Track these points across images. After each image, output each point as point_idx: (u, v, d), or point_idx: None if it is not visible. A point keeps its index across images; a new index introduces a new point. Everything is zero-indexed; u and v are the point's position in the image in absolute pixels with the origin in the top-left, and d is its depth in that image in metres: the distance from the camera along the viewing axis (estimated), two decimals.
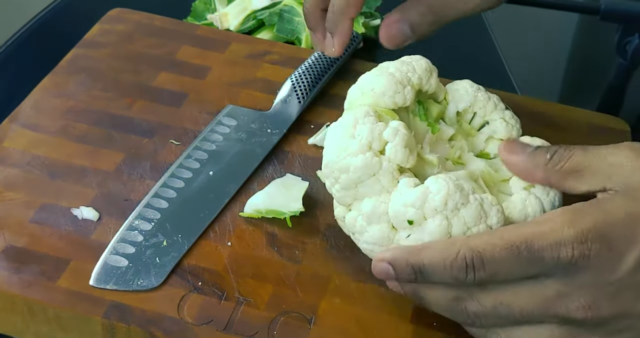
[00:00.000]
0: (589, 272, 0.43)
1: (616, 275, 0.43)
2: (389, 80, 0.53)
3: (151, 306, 0.52)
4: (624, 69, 0.84)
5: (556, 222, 0.43)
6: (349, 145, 0.50)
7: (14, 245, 0.56)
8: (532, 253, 0.43)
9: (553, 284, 0.44)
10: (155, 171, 0.62)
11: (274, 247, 0.57)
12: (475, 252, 0.44)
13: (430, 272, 0.45)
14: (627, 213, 0.43)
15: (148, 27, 0.76)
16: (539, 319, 0.45)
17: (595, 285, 0.43)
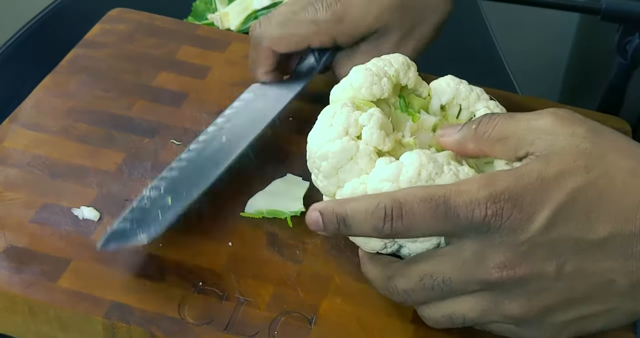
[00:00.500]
0: (502, 232, 0.44)
1: (527, 235, 0.44)
2: (365, 74, 0.54)
3: (152, 306, 0.52)
4: (624, 68, 0.84)
5: (473, 184, 0.45)
6: (327, 133, 0.51)
7: (14, 245, 0.56)
8: (449, 209, 0.44)
9: (470, 246, 0.45)
10: (156, 171, 0.62)
11: (275, 247, 0.57)
12: (395, 202, 0.45)
13: (351, 221, 0.46)
14: (539, 177, 0.44)
15: (148, 27, 0.76)
16: (462, 288, 0.46)
17: (508, 245, 0.44)
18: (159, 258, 0.55)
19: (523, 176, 0.45)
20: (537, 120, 0.48)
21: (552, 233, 0.44)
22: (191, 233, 0.57)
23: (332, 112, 0.52)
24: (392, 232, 0.45)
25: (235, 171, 0.62)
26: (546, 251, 0.44)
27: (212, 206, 0.59)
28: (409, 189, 0.46)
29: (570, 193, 0.44)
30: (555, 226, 0.44)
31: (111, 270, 0.54)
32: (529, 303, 0.45)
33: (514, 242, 0.44)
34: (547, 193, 0.44)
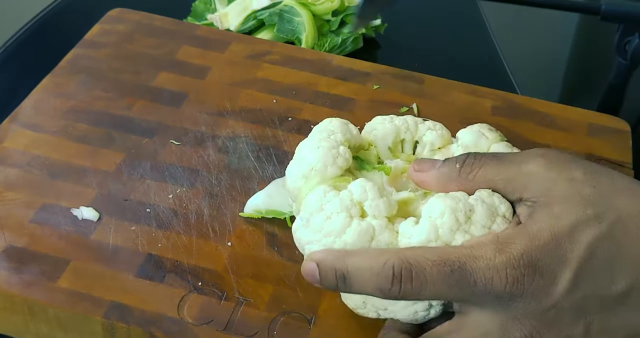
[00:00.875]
0: (525, 300, 0.42)
1: (552, 300, 0.42)
2: (320, 152, 0.51)
3: (151, 306, 0.52)
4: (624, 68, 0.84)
5: (487, 248, 0.42)
6: (329, 226, 0.47)
7: (14, 245, 0.56)
8: (464, 275, 0.41)
9: (490, 318, 0.43)
10: (156, 171, 0.62)
11: (274, 247, 0.57)
12: (405, 263, 0.42)
13: (354, 279, 0.43)
14: (553, 236, 0.42)
15: (148, 27, 0.76)
16: None
17: (533, 313, 0.42)
18: (158, 258, 0.55)
19: (536, 236, 0.42)
20: (528, 163, 0.45)
21: (577, 294, 0.42)
22: (191, 233, 0.57)
23: (318, 204, 0.48)
24: (399, 295, 0.42)
25: (235, 171, 0.62)
26: (573, 313, 0.42)
27: (211, 206, 0.59)
28: (418, 249, 0.43)
29: (588, 249, 0.42)
30: (579, 286, 0.42)
31: (110, 270, 0.54)
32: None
33: (539, 309, 0.42)
34: (565, 252, 0.42)
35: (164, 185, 0.61)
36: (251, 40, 0.77)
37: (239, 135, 0.65)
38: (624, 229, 0.42)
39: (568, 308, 0.42)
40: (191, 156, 0.63)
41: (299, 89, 0.70)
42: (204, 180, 0.61)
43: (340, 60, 0.75)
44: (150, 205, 0.59)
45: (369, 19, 0.50)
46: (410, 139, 0.55)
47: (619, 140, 0.68)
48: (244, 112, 0.68)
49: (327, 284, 0.44)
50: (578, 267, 0.42)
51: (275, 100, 0.69)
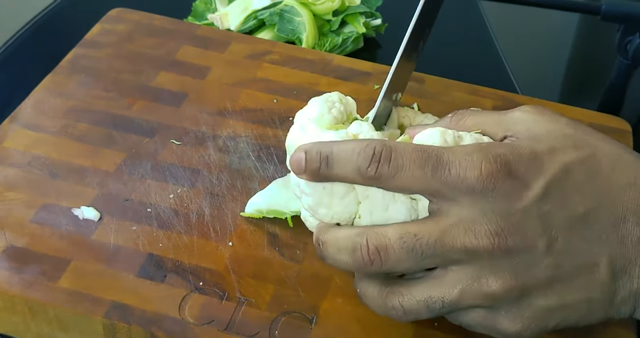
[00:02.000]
0: (495, 197, 0.43)
1: (521, 203, 0.43)
2: (317, 104, 0.52)
3: (152, 306, 0.52)
4: (625, 68, 0.84)
5: (469, 146, 0.45)
6: None
7: (14, 245, 0.56)
8: (440, 163, 0.43)
9: (458, 211, 0.43)
10: (156, 171, 0.62)
11: (275, 247, 0.57)
12: (386, 146, 0.44)
13: (335, 160, 0.45)
14: (532, 151, 0.45)
15: (148, 27, 0.76)
16: (446, 255, 0.44)
17: (501, 213, 0.43)
18: (159, 258, 0.55)
19: (517, 148, 0.45)
20: (514, 111, 0.49)
21: (546, 205, 0.43)
22: (191, 233, 0.57)
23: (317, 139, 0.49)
24: (375, 175, 0.44)
25: (236, 171, 0.62)
26: (539, 224, 0.43)
27: (212, 206, 0.59)
28: (402, 143, 0.45)
29: (564, 167, 0.44)
30: (550, 198, 0.43)
31: (111, 270, 0.54)
32: (513, 279, 0.43)
33: (508, 210, 0.43)
34: (541, 164, 0.44)
35: (164, 185, 0.61)
36: (251, 40, 0.77)
37: (239, 135, 0.65)
38: (597, 163, 0.45)
39: (535, 216, 0.43)
40: (192, 156, 0.63)
41: (300, 89, 0.70)
42: (204, 180, 0.61)
43: (341, 60, 0.75)
44: (151, 205, 0.59)
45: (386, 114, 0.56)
46: (408, 123, 0.56)
47: (620, 140, 0.67)
48: (244, 112, 0.68)
49: (311, 167, 0.46)
50: (551, 180, 0.44)
51: (275, 100, 0.69)
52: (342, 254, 0.46)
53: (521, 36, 1.25)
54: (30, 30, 0.90)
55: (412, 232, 0.44)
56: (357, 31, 0.87)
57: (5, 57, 0.86)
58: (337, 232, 0.47)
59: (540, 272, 0.44)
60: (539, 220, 0.43)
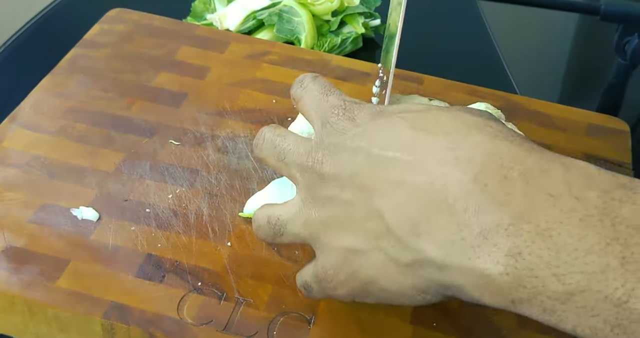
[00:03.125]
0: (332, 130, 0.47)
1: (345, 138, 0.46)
2: None
3: (151, 306, 0.52)
4: (624, 69, 0.84)
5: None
6: None
7: (13, 245, 0.56)
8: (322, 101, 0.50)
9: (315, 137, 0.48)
10: (155, 171, 0.62)
11: (274, 247, 0.57)
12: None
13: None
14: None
15: (148, 27, 0.76)
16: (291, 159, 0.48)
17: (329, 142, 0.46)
18: (158, 258, 0.55)
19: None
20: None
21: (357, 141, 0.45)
22: (190, 234, 0.57)
23: None
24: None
25: (235, 171, 0.62)
26: (348, 157, 0.45)
27: (211, 206, 0.59)
28: None
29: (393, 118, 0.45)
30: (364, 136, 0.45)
31: (110, 270, 0.54)
32: (322, 207, 0.46)
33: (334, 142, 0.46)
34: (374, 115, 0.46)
35: (163, 185, 0.61)
36: (251, 40, 0.77)
37: (238, 135, 0.65)
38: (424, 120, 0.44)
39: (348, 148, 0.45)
40: (191, 156, 0.63)
41: None
42: (203, 180, 0.61)
43: (340, 60, 0.75)
44: (150, 205, 0.59)
45: None
46: None
47: (619, 140, 0.68)
48: (243, 112, 0.68)
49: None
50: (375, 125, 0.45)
51: (274, 100, 0.69)
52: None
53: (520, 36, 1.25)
54: (29, 30, 0.90)
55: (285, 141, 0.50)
56: (356, 31, 0.87)
57: (5, 57, 0.86)
58: None
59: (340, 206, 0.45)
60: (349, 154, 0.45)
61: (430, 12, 0.97)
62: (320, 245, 0.46)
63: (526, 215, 0.38)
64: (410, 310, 0.53)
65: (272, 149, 0.50)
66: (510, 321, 0.54)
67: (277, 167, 0.50)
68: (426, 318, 0.53)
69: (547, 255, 0.37)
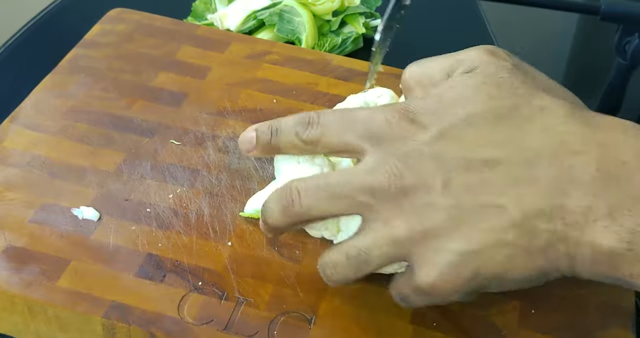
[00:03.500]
0: (394, 142, 0.45)
1: (415, 144, 0.45)
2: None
3: (151, 306, 0.52)
4: (624, 69, 0.84)
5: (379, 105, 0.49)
6: None
7: (13, 245, 0.56)
8: (352, 119, 0.48)
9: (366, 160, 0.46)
10: (156, 171, 0.62)
11: (274, 247, 0.57)
12: (316, 113, 0.49)
13: (281, 129, 0.50)
14: (439, 100, 0.46)
15: (148, 27, 0.76)
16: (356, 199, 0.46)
17: (398, 154, 0.45)
18: (158, 258, 0.56)
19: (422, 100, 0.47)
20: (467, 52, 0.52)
21: (438, 145, 0.44)
22: (191, 233, 0.57)
23: None
24: (308, 139, 0.49)
25: (235, 171, 0.62)
26: (433, 163, 0.44)
27: (212, 206, 0.59)
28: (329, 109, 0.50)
29: (466, 116, 0.45)
30: (444, 139, 0.45)
31: (111, 270, 0.54)
32: (415, 220, 0.44)
33: (405, 152, 0.45)
34: (444, 113, 0.46)
35: (164, 185, 0.61)
36: (251, 40, 0.77)
37: (239, 135, 0.65)
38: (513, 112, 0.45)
39: (428, 156, 0.45)
40: (191, 156, 0.63)
41: (299, 89, 0.70)
42: (204, 180, 0.61)
43: (341, 60, 0.75)
44: (151, 205, 0.59)
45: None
46: None
47: None
48: (244, 112, 0.68)
49: (262, 141, 0.51)
50: (449, 125, 0.45)
51: (275, 100, 0.69)
52: (273, 204, 0.49)
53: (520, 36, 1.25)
54: (30, 30, 0.90)
55: (326, 175, 0.48)
56: (356, 31, 0.87)
57: (5, 57, 0.86)
58: (273, 190, 0.50)
59: (441, 213, 0.44)
60: (433, 160, 0.44)
61: (431, 12, 0.97)
62: (418, 258, 0.45)
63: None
64: (411, 310, 0.53)
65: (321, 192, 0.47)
66: (510, 321, 0.54)
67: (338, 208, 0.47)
68: (426, 318, 0.53)
69: None
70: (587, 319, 0.54)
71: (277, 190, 0.49)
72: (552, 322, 0.54)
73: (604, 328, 0.54)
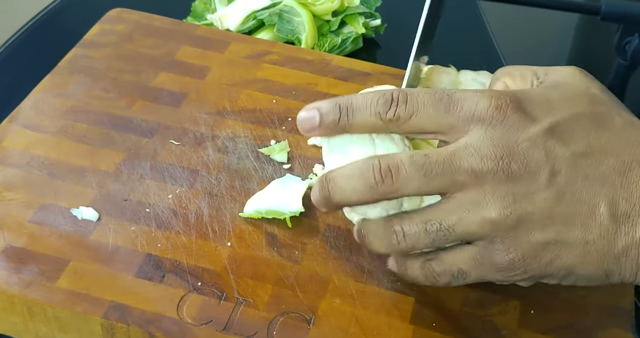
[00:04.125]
0: (503, 127, 0.45)
1: (527, 134, 0.45)
2: None
3: (150, 306, 0.52)
4: (624, 69, 0.84)
5: (478, 90, 0.47)
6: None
7: (13, 245, 0.56)
8: (452, 100, 0.46)
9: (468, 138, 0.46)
10: (155, 171, 0.62)
11: (274, 248, 0.57)
12: (402, 91, 0.47)
13: (356, 108, 0.48)
14: (546, 95, 0.47)
15: (148, 27, 0.76)
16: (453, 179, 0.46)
17: (507, 141, 0.45)
18: (157, 258, 0.55)
19: (530, 91, 0.47)
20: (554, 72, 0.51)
21: (552, 140, 0.45)
22: (190, 234, 0.57)
23: None
24: (394, 117, 0.47)
25: (235, 171, 0.62)
26: (544, 154, 0.45)
27: (211, 206, 0.59)
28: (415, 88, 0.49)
29: (574, 114, 0.46)
30: (556, 134, 0.45)
31: (110, 270, 0.54)
32: (512, 205, 0.45)
33: (514, 139, 0.45)
34: (551, 108, 0.46)
35: (163, 185, 0.61)
36: (251, 40, 0.77)
37: (238, 136, 0.65)
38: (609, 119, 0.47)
39: (540, 147, 0.45)
40: (191, 156, 0.63)
41: (299, 89, 0.70)
42: (203, 180, 0.61)
43: (340, 60, 0.75)
44: (150, 205, 0.59)
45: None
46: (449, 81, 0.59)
47: None
48: (243, 112, 0.68)
49: (328, 120, 0.49)
50: (560, 120, 0.46)
51: (275, 100, 0.69)
52: (351, 180, 0.48)
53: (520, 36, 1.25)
54: (29, 30, 0.90)
55: (422, 153, 0.47)
56: (356, 31, 0.87)
57: (5, 57, 0.86)
58: (346, 165, 0.49)
59: (540, 202, 0.45)
60: (544, 151, 0.45)
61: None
62: (504, 239, 0.46)
63: None
64: (411, 310, 0.53)
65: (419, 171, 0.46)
66: (510, 321, 0.54)
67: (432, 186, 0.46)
68: (426, 318, 0.53)
69: None
70: (587, 319, 0.54)
71: (357, 167, 0.48)
72: (552, 322, 0.54)
73: (604, 328, 0.54)
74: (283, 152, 0.64)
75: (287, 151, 0.64)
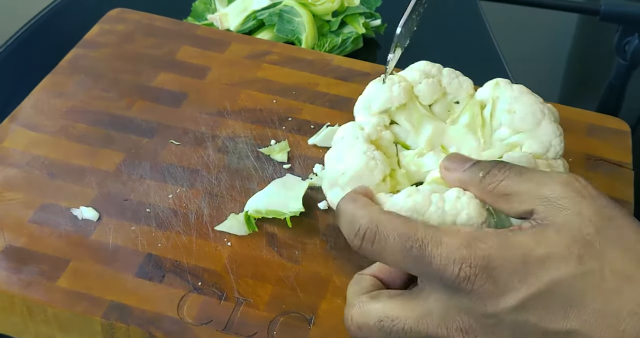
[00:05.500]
0: (470, 298, 0.42)
1: (495, 309, 0.42)
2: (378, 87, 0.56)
3: (151, 306, 0.52)
4: (624, 69, 0.84)
5: (455, 238, 0.43)
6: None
7: (13, 245, 0.56)
8: (422, 255, 0.43)
9: (437, 300, 0.43)
10: (155, 171, 0.62)
11: (274, 247, 0.57)
12: (372, 225, 0.44)
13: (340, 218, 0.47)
14: (524, 257, 0.42)
15: (148, 27, 0.76)
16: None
17: (475, 313, 0.42)
18: (158, 258, 0.55)
19: (508, 248, 0.42)
20: (548, 185, 0.45)
21: (521, 316, 0.42)
22: (190, 233, 0.57)
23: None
24: (360, 251, 0.45)
25: (235, 171, 0.62)
26: (511, 331, 0.42)
27: (211, 206, 0.59)
28: (395, 218, 0.45)
29: (551, 284, 0.42)
30: (526, 310, 0.42)
31: (110, 270, 0.54)
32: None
33: (482, 312, 0.42)
34: (528, 275, 0.42)
35: (163, 185, 0.61)
36: (251, 40, 0.77)
37: (238, 135, 0.65)
38: (600, 282, 0.42)
39: (508, 323, 0.42)
40: (191, 156, 0.63)
41: (299, 89, 0.70)
42: (203, 180, 0.61)
43: (340, 60, 0.75)
44: (150, 205, 0.59)
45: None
46: (452, 99, 0.58)
47: (619, 140, 0.68)
48: (243, 112, 0.68)
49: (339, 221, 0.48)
50: (533, 294, 0.42)
51: (275, 100, 0.69)
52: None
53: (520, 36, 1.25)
54: (30, 30, 0.90)
55: (390, 316, 0.45)
56: (356, 32, 0.87)
57: (5, 57, 0.86)
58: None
59: None
60: (512, 329, 0.42)
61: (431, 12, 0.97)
62: None
63: None
64: None
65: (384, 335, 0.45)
66: None
67: None
68: None
69: None
70: None
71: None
72: None
73: None
74: (283, 152, 0.64)
75: (287, 151, 0.64)
